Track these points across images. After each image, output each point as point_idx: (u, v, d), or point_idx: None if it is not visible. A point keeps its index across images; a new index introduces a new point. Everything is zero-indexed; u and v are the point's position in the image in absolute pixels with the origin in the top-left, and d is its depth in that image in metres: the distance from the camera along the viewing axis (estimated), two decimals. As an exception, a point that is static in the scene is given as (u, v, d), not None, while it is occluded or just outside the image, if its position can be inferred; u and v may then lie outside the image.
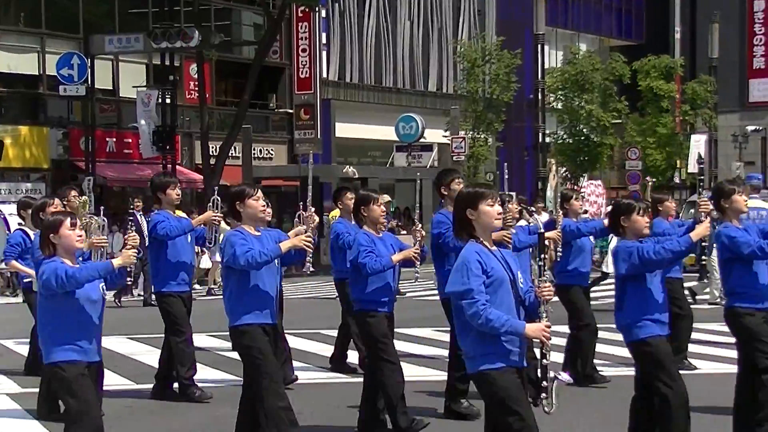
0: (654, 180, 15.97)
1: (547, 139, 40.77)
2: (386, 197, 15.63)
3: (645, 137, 43.91)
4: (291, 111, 39.81)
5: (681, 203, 32.76)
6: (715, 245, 7.76)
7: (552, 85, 42.29)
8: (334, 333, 11.80)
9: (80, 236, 6.37)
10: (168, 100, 29.41)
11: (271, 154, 38.92)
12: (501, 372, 5.46)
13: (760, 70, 58.91)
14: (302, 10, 37.41)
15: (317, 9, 36.10)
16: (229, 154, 31.30)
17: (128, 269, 6.61)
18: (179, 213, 10.88)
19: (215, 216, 9.97)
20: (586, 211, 20.21)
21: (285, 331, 10.60)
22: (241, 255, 7.11)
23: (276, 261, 7.36)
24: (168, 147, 29.28)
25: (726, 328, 7.92)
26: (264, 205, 7.45)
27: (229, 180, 31.77)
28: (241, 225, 7.40)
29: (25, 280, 10.81)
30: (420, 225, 8.42)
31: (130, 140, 33.12)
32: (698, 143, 44.98)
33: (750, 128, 51.44)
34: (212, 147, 31.59)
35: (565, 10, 53.25)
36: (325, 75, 40.90)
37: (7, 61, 31.80)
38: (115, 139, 33.55)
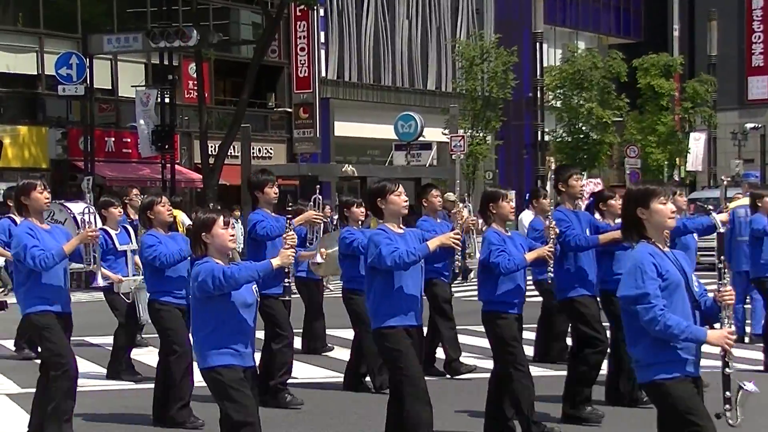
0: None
1: (546, 138, 40.75)
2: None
3: (645, 135, 43.90)
4: (290, 110, 39.81)
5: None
6: None
7: (551, 83, 42.29)
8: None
9: (233, 236, 6.14)
10: (167, 100, 29.36)
11: (270, 153, 38.92)
12: (677, 382, 5.21)
13: (758, 68, 58.89)
14: (300, 9, 37.40)
15: (316, 8, 36.07)
16: (228, 154, 31.29)
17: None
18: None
19: (316, 215, 9.69)
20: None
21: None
22: (388, 255, 6.82)
23: (422, 260, 7.04)
24: (167, 146, 29.25)
25: None
26: (406, 200, 7.15)
27: (227, 179, 31.80)
28: (383, 223, 7.11)
29: (106, 282, 10.57)
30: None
31: (129, 140, 33.13)
32: (698, 141, 45.03)
33: (749, 126, 51.40)
34: (211, 146, 31.58)
35: (564, 8, 53.25)
36: (323, 74, 40.91)
37: (6, 61, 31.81)
38: (113, 139, 33.56)
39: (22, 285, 7.86)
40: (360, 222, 10.36)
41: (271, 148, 39.03)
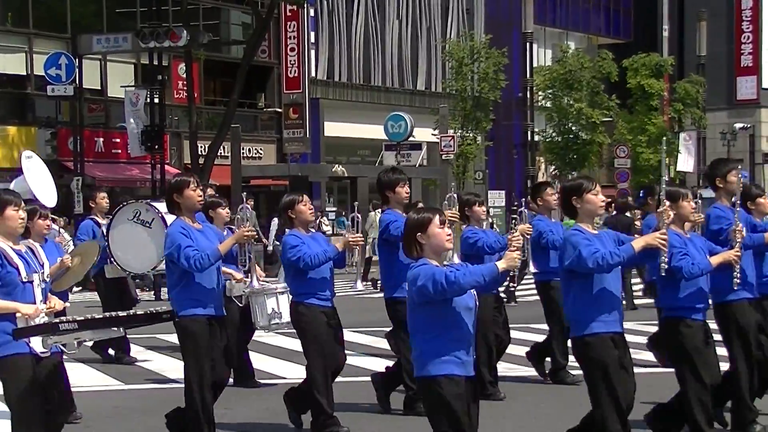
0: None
1: (536, 138, 40.83)
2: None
3: (635, 135, 43.98)
4: (280, 110, 39.78)
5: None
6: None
7: (541, 83, 42.35)
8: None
9: (449, 235, 5.79)
10: (156, 100, 29.32)
11: (260, 154, 38.89)
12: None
13: (747, 68, 59.03)
14: (291, 9, 37.40)
15: (306, 8, 36.06)
16: (218, 154, 31.26)
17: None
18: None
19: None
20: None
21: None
22: (589, 256, 6.42)
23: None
24: (156, 146, 29.21)
25: None
26: (604, 200, 6.80)
27: (217, 180, 31.76)
28: (578, 222, 6.72)
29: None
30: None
31: (118, 140, 33.06)
32: (687, 142, 45.12)
33: (738, 126, 51.58)
34: (201, 146, 31.55)
35: (554, 9, 53.30)
36: (313, 74, 40.88)
37: (-5, 61, 31.73)
38: (103, 139, 33.49)
39: (175, 286, 7.65)
40: (481, 221, 10.02)
41: (261, 149, 38.99)
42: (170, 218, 9.71)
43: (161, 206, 9.57)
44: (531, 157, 38.65)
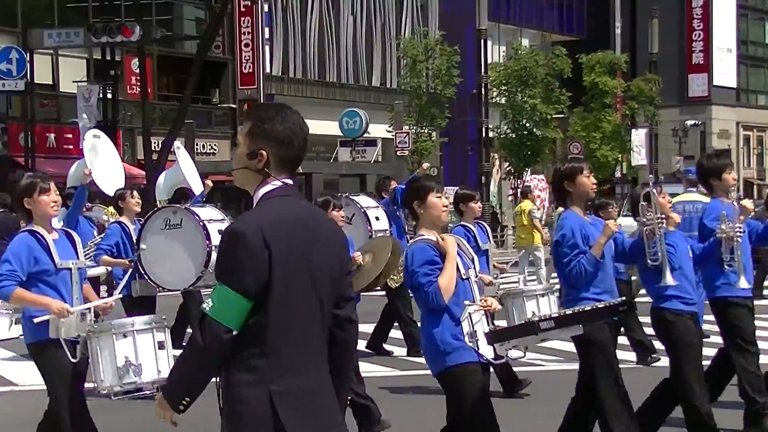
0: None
1: (491, 134, 40.98)
2: None
3: (589, 132, 44.30)
4: (234, 106, 39.60)
5: (623, 197, 33.11)
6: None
7: (495, 80, 42.51)
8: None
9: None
10: (109, 95, 29.13)
11: (215, 150, 38.70)
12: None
13: (698, 65, 59.66)
14: (245, 4, 37.25)
15: (260, 3, 35.93)
16: (172, 150, 31.07)
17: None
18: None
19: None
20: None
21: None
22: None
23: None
24: (109, 142, 28.99)
25: None
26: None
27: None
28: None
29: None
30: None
31: (70, 135, 32.73)
32: (639, 137, 45.54)
33: (689, 123, 52.13)
34: (154, 142, 31.33)
35: (507, 5, 53.51)
36: (268, 70, 40.75)
37: (-56, 56, 31.28)
38: (54, 135, 33.14)
39: None
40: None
41: (215, 144, 38.81)
42: (200, 210, 9.10)
43: (203, 212, 9.00)
44: (485, 153, 38.79)
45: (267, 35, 40.55)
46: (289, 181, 3.70)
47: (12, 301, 6.47)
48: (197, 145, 34.24)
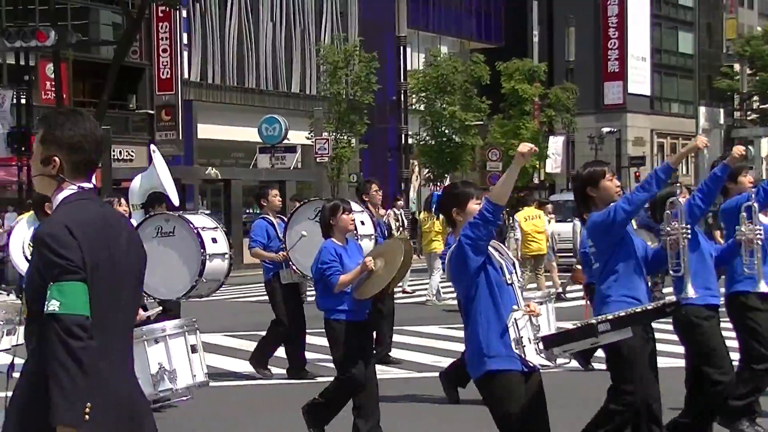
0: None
1: (410, 141, 41.14)
2: None
3: (508, 139, 44.73)
4: (152, 112, 39.20)
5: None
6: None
7: (414, 86, 42.71)
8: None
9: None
10: (23, 101, 28.60)
11: (132, 156, 38.25)
12: None
13: (614, 74, 60.63)
14: (163, 9, 36.87)
15: (178, 8, 35.61)
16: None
17: None
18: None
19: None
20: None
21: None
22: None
23: None
24: (23, 148, 28.45)
25: None
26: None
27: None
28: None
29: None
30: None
31: (-17, 142, 32.08)
32: (556, 144, 46.13)
33: (605, 130, 52.93)
34: (70, 149, 30.84)
35: (427, 13, 53.78)
36: (186, 75, 40.42)
37: None
38: (-33, 141, 32.46)
39: None
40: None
41: (132, 151, 38.35)
42: (193, 217, 8.91)
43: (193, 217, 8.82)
44: (405, 159, 38.95)
45: (185, 40, 40.22)
46: (87, 185, 3.78)
47: None
48: (114, 151, 33.79)
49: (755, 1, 71.91)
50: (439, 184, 42.02)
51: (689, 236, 6.55)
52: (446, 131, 43.11)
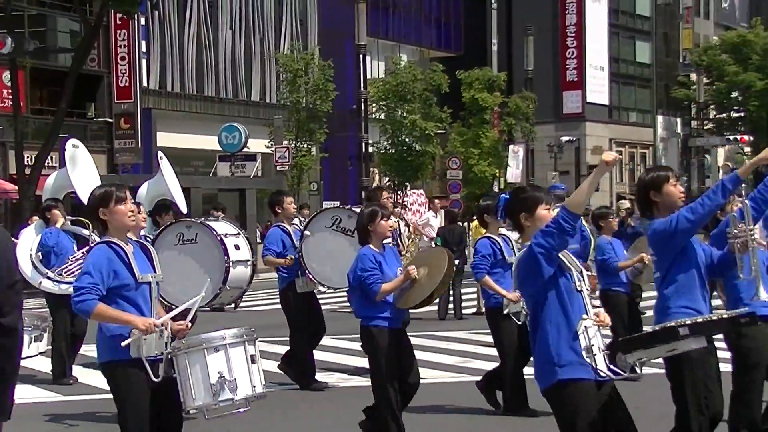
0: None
1: (371, 149, 41.16)
2: None
3: (468, 148, 44.87)
4: (110, 120, 38.93)
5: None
6: None
7: (374, 95, 42.73)
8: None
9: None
10: (-21, 109, 28.32)
11: (90, 164, 37.94)
12: None
13: (572, 83, 61.02)
14: (121, 17, 36.63)
15: (136, 16, 35.40)
16: (46, 164, 30.34)
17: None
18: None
19: None
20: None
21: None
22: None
23: None
24: (-20, 157, 28.22)
25: None
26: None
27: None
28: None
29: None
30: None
31: (-62, 150, 31.74)
32: (516, 154, 46.31)
33: (564, 139, 53.24)
34: (27, 157, 30.52)
35: (386, 21, 53.89)
36: (145, 84, 40.20)
37: None
38: None
39: None
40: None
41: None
42: (215, 224, 8.81)
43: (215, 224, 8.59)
44: (365, 168, 38.92)
45: (144, 48, 40.01)
46: None
47: (93, 317, 5.87)
48: (72, 159, 33.50)
49: (711, 12, 72.67)
50: (399, 192, 42.06)
51: (756, 237, 6.24)
52: (407, 140, 43.18)
